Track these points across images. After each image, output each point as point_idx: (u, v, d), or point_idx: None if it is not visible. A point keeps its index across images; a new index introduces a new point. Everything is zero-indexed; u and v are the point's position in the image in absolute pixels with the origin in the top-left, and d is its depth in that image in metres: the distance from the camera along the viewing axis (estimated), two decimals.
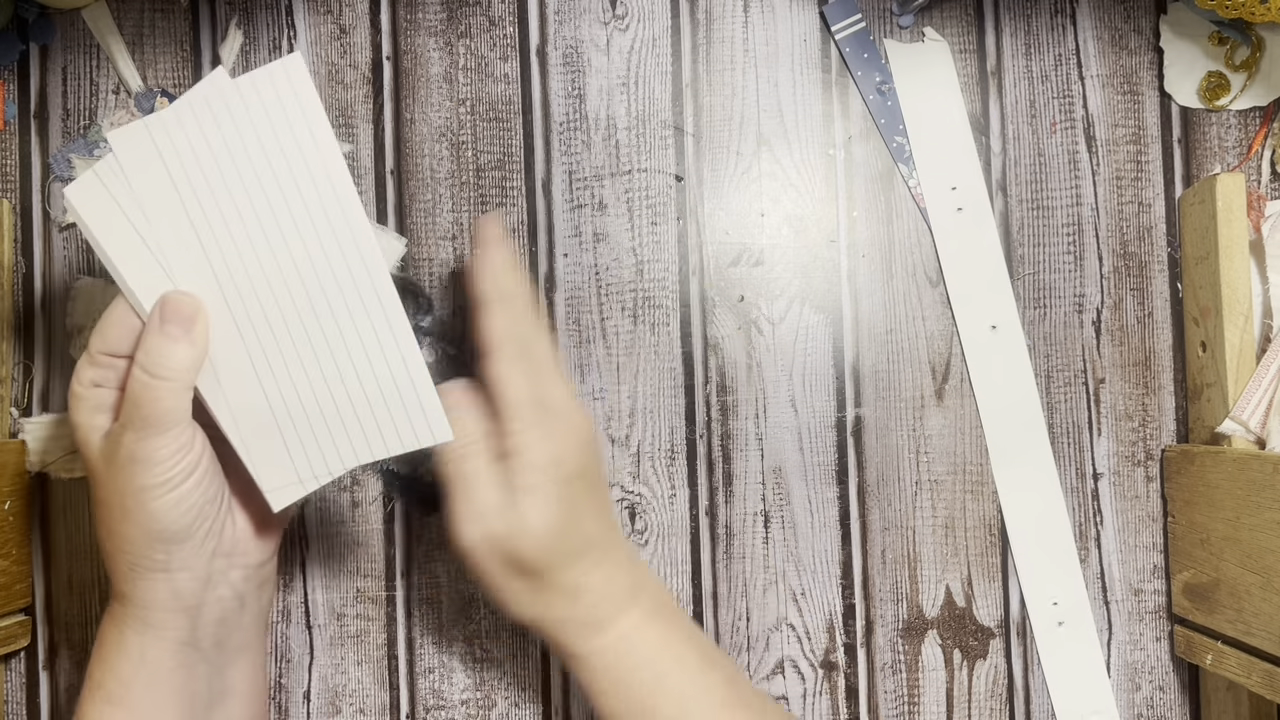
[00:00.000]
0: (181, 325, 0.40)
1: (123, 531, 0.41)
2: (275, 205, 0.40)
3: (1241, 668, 0.49)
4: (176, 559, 0.41)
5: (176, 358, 0.40)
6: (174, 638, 0.42)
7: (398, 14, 0.55)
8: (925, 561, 0.55)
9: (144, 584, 0.41)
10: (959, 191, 0.55)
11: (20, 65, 0.55)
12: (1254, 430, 0.50)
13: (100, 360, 0.41)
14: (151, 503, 0.40)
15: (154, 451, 0.40)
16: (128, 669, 0.42)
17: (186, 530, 0.41)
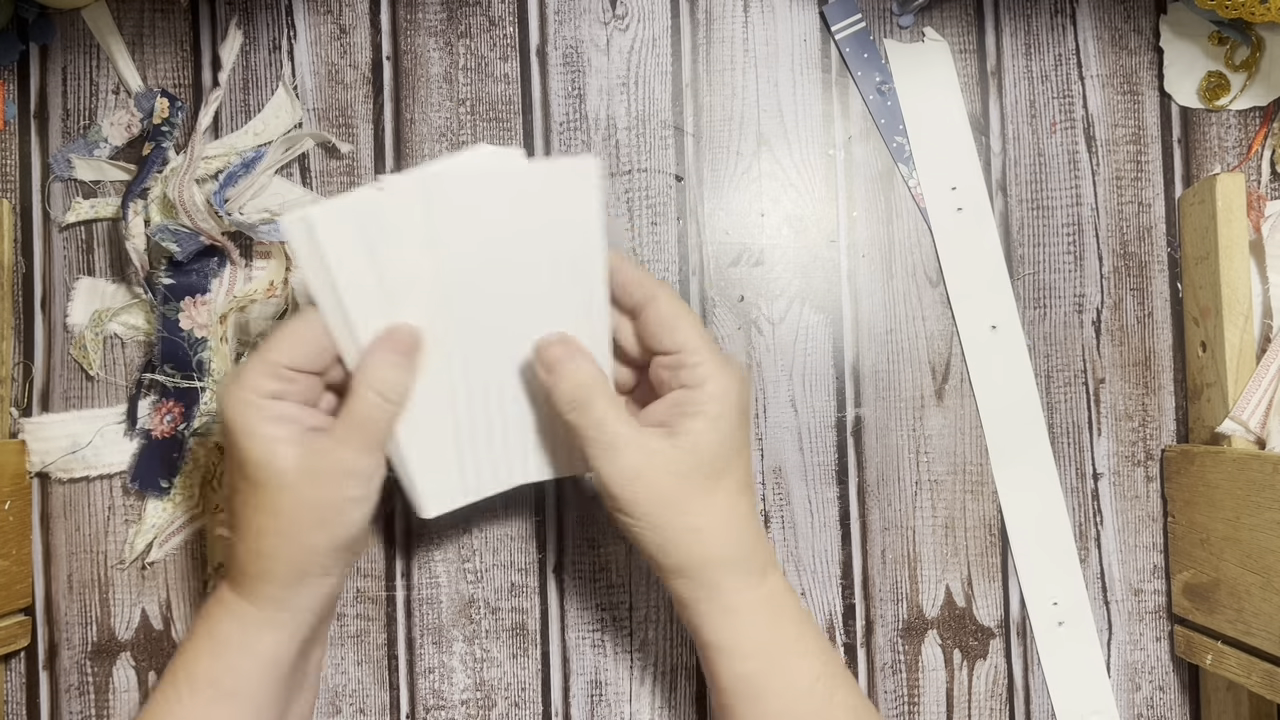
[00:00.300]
0: (406, 355, 0.42)
1: (309, 541, 0.42)
2: (525, 273, 0.43)
3: (1241, 668, 0.49)
4: (341, 563, 0.44)
5: (402, 382, 0.42)
6: (303, 635, 0.44)
7: (398, 14, 0.55)
8: (925, 561, 0.55)
9: (308, 589, 0.43)
10: (959, 191, 0.55)
11: (20, 65, 0.55)
12: (1254, 430, 0.50)
13: (282, 374, 0.42)
14: (353, 513, 0.42)
15: (368, 467, 0.42)
16: (253, 667, 0.43)
17: (361, 539, 0.44)
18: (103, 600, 0.54)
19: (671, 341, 0.43)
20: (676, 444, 0.42)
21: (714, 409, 0.42)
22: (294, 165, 0.55)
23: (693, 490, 0.42)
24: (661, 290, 0.44)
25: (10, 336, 0.54)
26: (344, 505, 0.42)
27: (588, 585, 0.55)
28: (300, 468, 0.41)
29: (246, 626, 0.43)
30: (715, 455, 0.43)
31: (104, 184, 0.54)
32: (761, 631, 0.44)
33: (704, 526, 0.43)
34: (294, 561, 0.42)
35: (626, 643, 0.55)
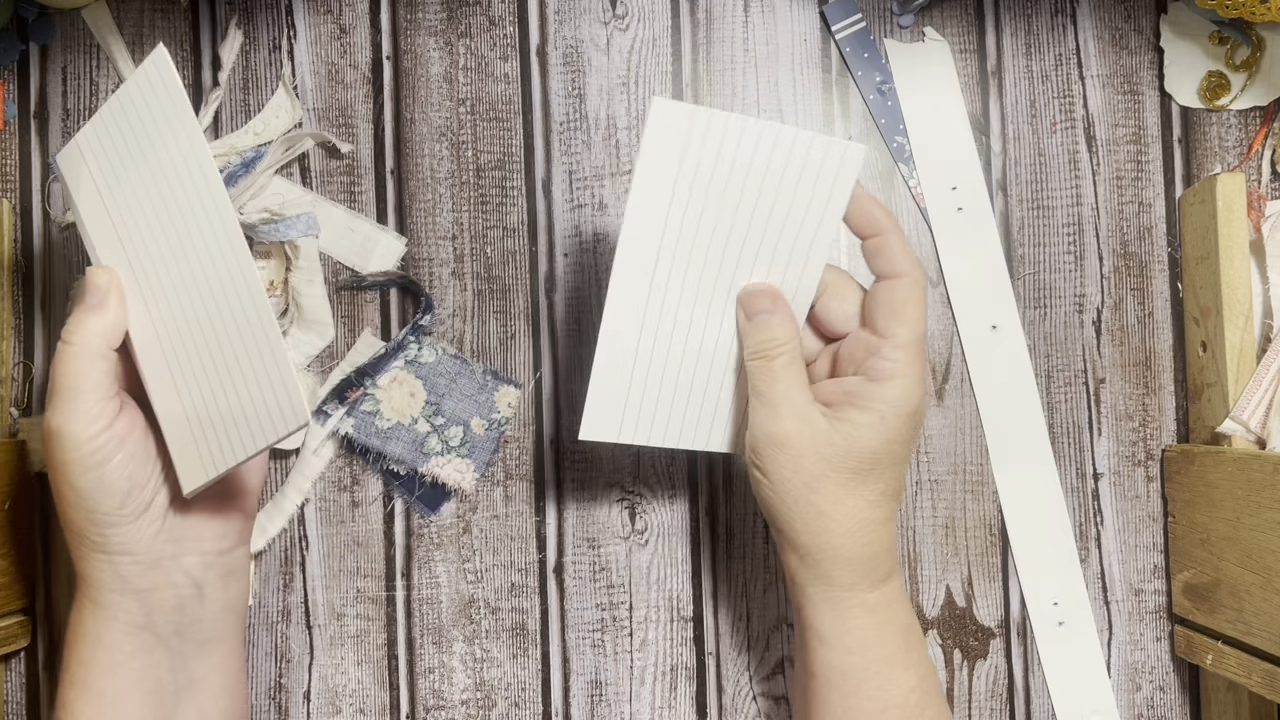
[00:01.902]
0: (96, 295, 0.41)
1: (64, 511, 0.42)
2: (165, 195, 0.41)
3: (1242, 668, 0.49)
4: (114, 540, 0.42)
5: (85, 324, 0.41)
6: (126, 620, 0.43)
7: (398, 14, 0.55)
8: (925, 561, 0.55)
9: (89, 563, 0.42)
10: (959, 191, 0.55)
11: (20, 65, 0.55)
12: (1254, 430, 0.50)
13: None
14: (77, 479, 0.41)
15: (64, 424, 0.40)
16: (86, 651, 0.42)
17: (117, 511, 0.41)
18: None
19: (886, 327, 0.43)
20: (837, 428, 0.42)
21: (885, 410, 0.42)
22: (294, 165, 0.55)
23: (834, 477, 0.42)
24: (911, 270, 0.43)
25: (10, 336, 0.54)
26: (64, 469, 0.41)
27: (588, 585, 0.55)
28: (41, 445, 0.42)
29: (77, 608, 0.43)
30: (868, 455, 0.42)
31: None
32: (867, 632, 0.43)
33: (833, 516, 0.42)
34: (70, 535, 0.42)
35: (626, 643, 0.55)
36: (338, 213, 0.54)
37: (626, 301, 0.44)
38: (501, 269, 0.55)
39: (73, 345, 0.41)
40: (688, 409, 0.46)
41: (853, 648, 0.43)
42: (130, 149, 0.41)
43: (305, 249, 0.53)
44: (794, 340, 0.43)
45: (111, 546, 0.42)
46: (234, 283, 0.40)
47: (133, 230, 0.41)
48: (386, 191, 0.55)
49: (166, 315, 0.41)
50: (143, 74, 0.40)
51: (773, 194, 0.43)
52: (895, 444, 0.43)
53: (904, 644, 0.44)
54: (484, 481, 0.54)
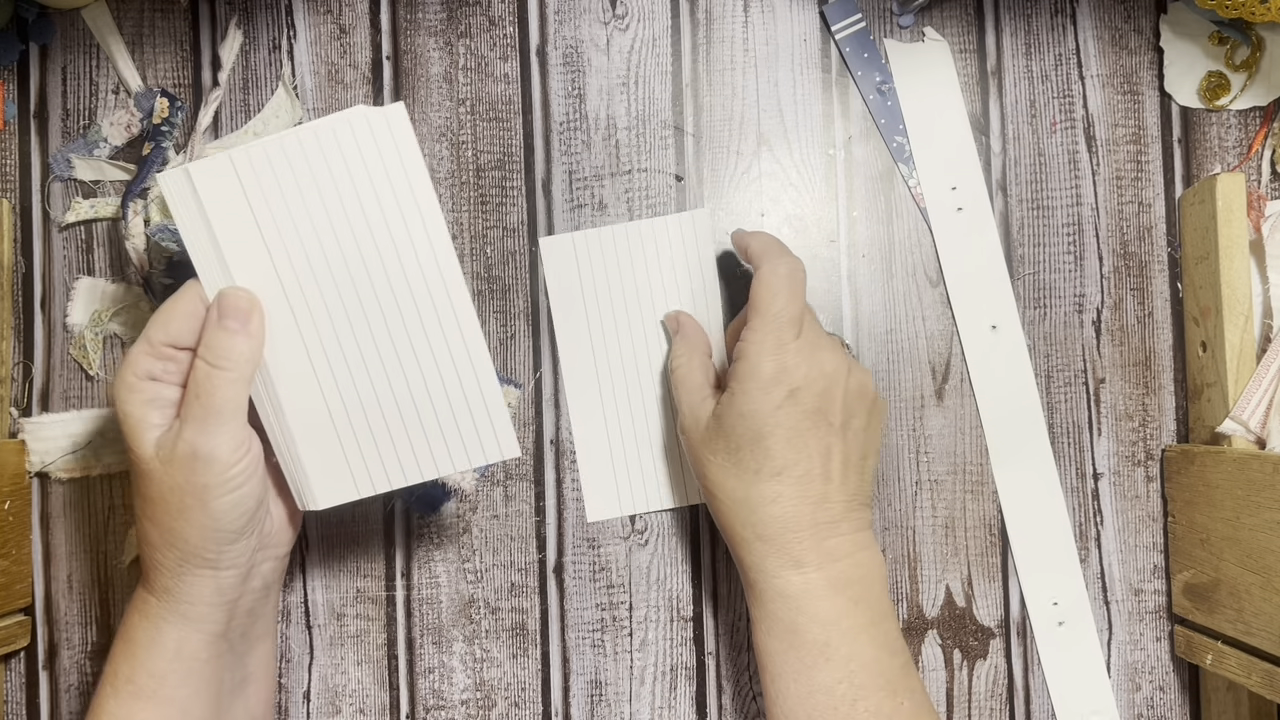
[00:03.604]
0: (238, 319, 0.40)
1: (177, 529, 0.41)
2: (359, 231, 0.41)
3: (1241, 668, 0.49)
4: (226, 556, 0.42)
5: (236, 349, 0.40)
6: (211, 630, 0.43)
7: (398, 14, 0.55)
8: (925, 561, 0.55)
9: (191, 579, 0.42)
10: (959, 191, 0.55)
11: (20, 65, 0.55)
12: (1254, 430, 0.50)
13: (162, 351, 0.41)
14: (213, 502, 0.40)
15: (215, 448, 0.40)
16: (162, 663, 0.42)
17: (241, 530, 0.42)
18: (103, 600, 0.54)
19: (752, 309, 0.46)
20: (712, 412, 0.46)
21: (735, 385, 0.45)
22: None
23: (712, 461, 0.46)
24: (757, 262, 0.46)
25: (10, 336, 0.54)
26: (200, 493, 0.40)
27: (588, 585, 0.55)
28: (156, 453, 0.40)
29: (152, 621, 0.42)
30: (730, 430, 0.44)
31: (104, 184, 0.54)
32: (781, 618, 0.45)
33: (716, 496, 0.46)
34: (173, 551, 0.41)
35: (626, 643, 0.55)
36: None
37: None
38: (501, 269, 0.55)
39: (228, 371, 0.40)
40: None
41: (774, 632, 0.44)
42: (325, 179, 0.40)
43: None
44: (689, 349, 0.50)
45: (222, 562, 0.42)
46: (443, 314, 0.41)
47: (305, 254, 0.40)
48: None
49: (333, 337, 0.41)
50: (361, 119, 0.40)
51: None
52: (752, 417, 0.43)
53: (822, 637, 0.44)
54: (484, 481, 0.54)
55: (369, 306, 0.41)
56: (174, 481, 0.40)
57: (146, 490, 0.41)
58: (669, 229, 0.54)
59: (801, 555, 0.44)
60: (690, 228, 0.54)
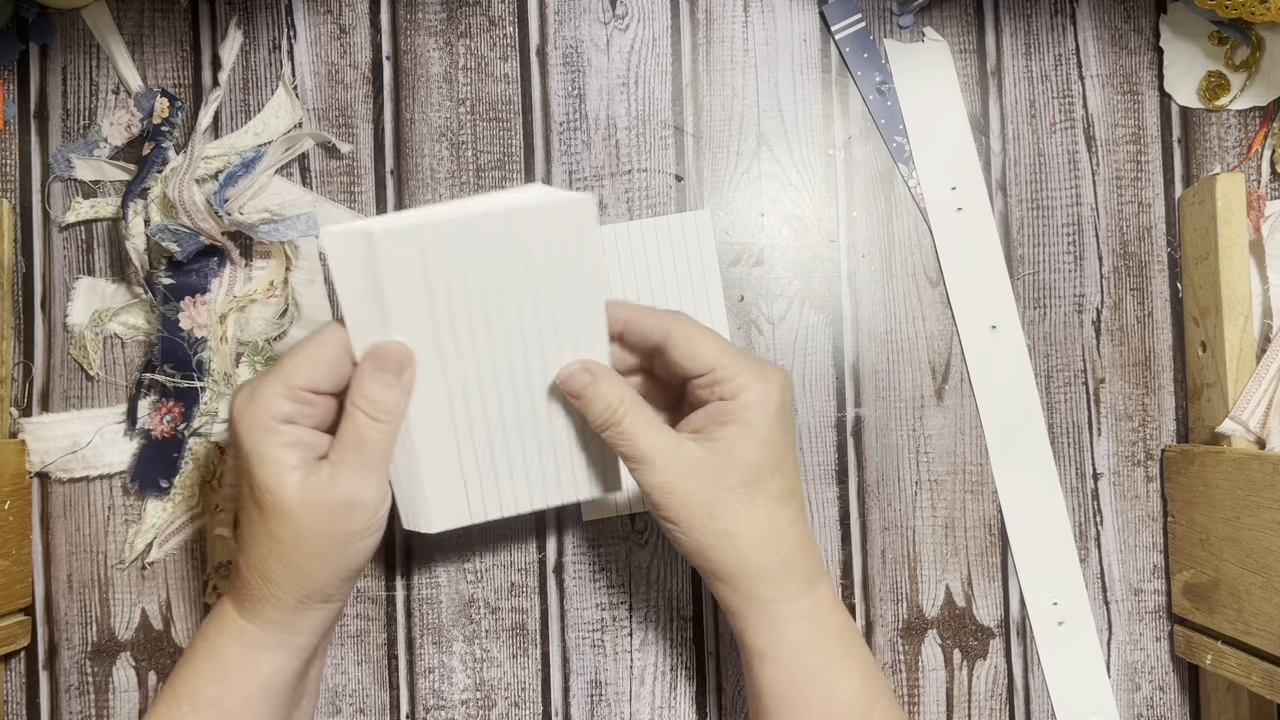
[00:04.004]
0: (395, 373, 0.41)
1: (309, 569, 0.41)
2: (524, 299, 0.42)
3: (1241, 668, 0.49)
4: (342, 591, 0.43)
5: (393, 402, 0.41)
6: (305, 657, 0.44)
7: (398, 14, 0.55)
8: (925, 561, 0.55)
9: (306, 613, 0.43)
10: (959, 191, 0.55)
11: (20, 65, 0.55)
12: (1254, 430, 0.50)
13: (301, 395, 0.41)
14: (354, 545, 0.41)
15: (368, 496, 0.41)
16: (254, 688, 0.43)
17: (363, 568, 0.43)
18: (103, 600, 0.54)
19: (699, 364, 0.43)
20: (712, 450, 0.42)
21: (749, 415, 0.42)
22: (294, 165, 0.55)
23: (728, 497, 0.42)
24: (675, 321, 0.44)
25: (10, 336, 0.54)
26: (345, 537, 0.41)
27: (588, 585, 0.55)
28: (303, 497, 0.40)
29: (250, 648, 0.43)
30: (750, 462, 0.42)
31: (104, 184, 0.54)
32: (803, 641, 0.43)
33: (741, 533, 0.42)
34: (297, 588, 0.42)
35: (626, 643, 0.55)
36: (338, 213, 0.54)
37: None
38: None
39: (386, 424, 0.41)
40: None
41: (792, 658, 0.43)
42: (504, 258, 0.41)
43: (305, 249, 0.53)
44: (627, 392, 0.43)
45: (337, 596, 0.43)
46: None
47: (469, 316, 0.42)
48: (386, 191, 0.55)
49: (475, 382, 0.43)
50: (554, 212, 0.41)
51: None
52: (769, 445, 0.43)
53: (841, 648, 0.44)
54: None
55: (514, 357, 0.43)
56: (318, 525, 0.41)
57: (279, 531, 0.41)
58: (670, 229, 0.54)
59: (812, 571, 0.44)
60: (692, 228, 0.54)
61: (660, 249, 0.54)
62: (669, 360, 0.44)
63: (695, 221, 0.54)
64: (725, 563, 0.43)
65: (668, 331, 0.44)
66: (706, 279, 0.54)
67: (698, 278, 0.54)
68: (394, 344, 0.41)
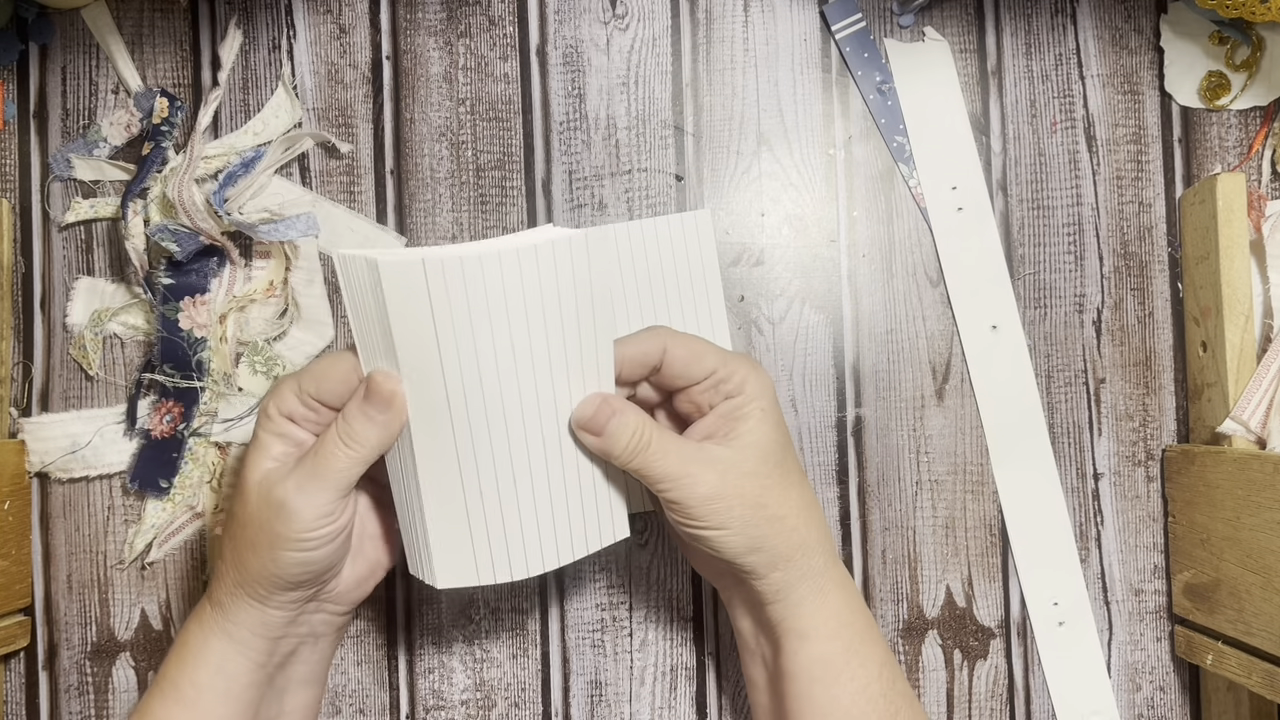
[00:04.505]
0: (379, 407, 0.41)
1: (244, 556, 0.43)
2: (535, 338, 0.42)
3: (1242, 668, 0.49)
4: (275, 600, 0.43)
5: (368, 435, 0.41)
6: (252, 658, 0.44)
7: (398, 14, 0.55)
8: (925, 561, 0.55)
9: (241, 603, 0.43)
10: (959, 191, 0.55)
11: (20, 65, 0.55)
12: (1254, 430, 0.50)
13: (308, 401, 0.42)
14: (280, 552, 0.42)
15: (302, 508, 0.41)
16: (205, 675, 0.44)
17: (298, 584, 0.43)
18: (102, 600, 0.54)
19: (701, 369, 0.44)
20: (738, 446, 0.43)
21: (761, 404, 0.44)
22: (294, 165, 0.55)
23: (769, 483, 0.44)
24: (665, 335, 0.44)
25: (10, 336, 0.54)
26: (273, 539, 0.42)
27: (588, 585, 0.55)
28: (256, 483, 0.42)
29: (203, 631, 0.44)
30: (774, 444, 0.44)
31: (103, 184, 0.54)
32: (845, 611, 0.45)
33: (788, 514, 0.44)
34: (235, 571, 0.43)
35: (626, 643, 0.55)
36: (338, 213, 0.54)
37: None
38: None
39: (352, 450, 0.41)
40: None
41: (836, 630, 0.44)
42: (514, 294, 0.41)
43: (305, 249, 0.53)
44: (642, 418, 0.43)
45: (270, 602, 0.43)
46: None
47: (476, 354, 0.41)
48: (386, 191, 0.55)
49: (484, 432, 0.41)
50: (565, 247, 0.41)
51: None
52: (781, 426, 0.45)
53: (868, 620, 0.46)
54: None
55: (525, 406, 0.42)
56: (258, 516, 0.42)
57: (236, 509, 0.43)
58: (670, 229, 0.54)
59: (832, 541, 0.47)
60: (692, 228, 0.54)
61: (660, 249, 0.54)
62: (667, 374, 0.44)
63: (695, 221, 0.54)
64: (781, 546, 0.44)
65: (664, 348, 0.44)
66: (706, 279, 0.54)
67: (698, 278, 0.54)
68: (387, 375, 0.41)
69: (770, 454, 0.44)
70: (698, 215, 0.54)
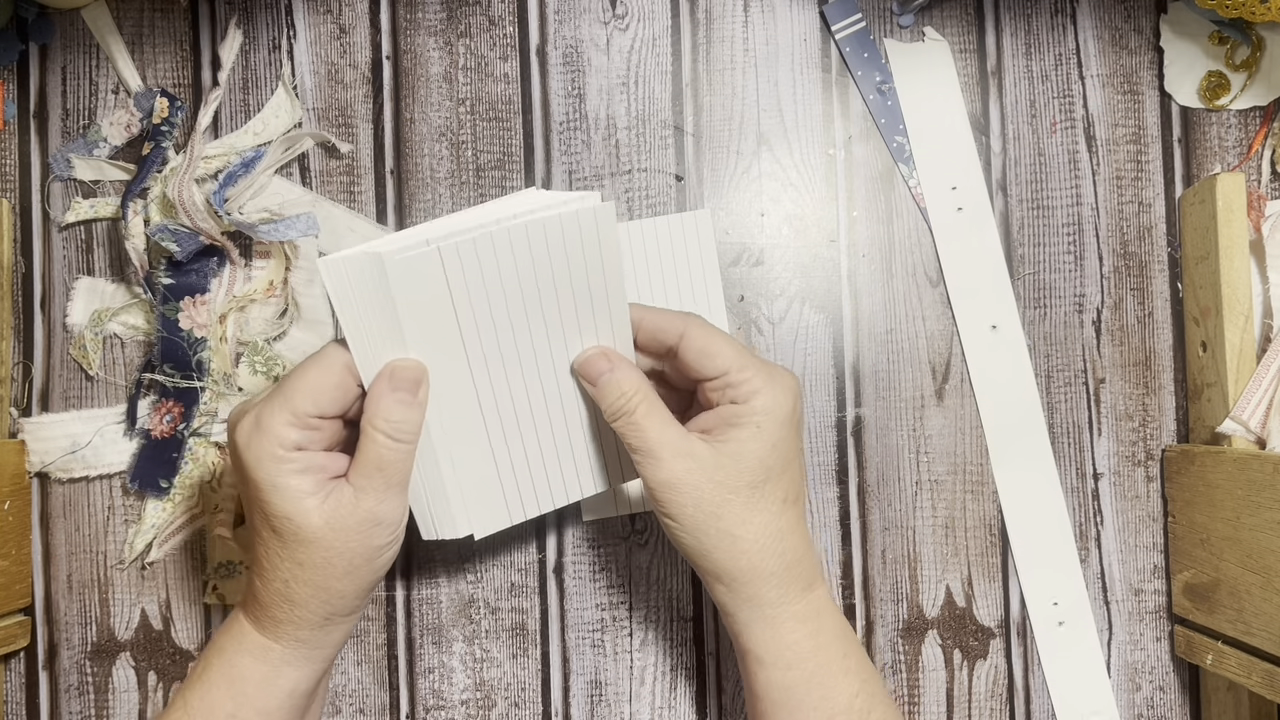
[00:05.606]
0: (410, 391, 0.41)
1: (338, 588, 0.42)
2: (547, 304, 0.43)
3: (1241, 668, 0.49)
4: (364, 601, 0.44)
5: (412, 421, 0.41)
6: (325, 669, 0.44)
7: (398, 14, 0.55)
8: (925, 561, 0.55)
9: (334, 629, 0.43)
10: (959, 191, 0.55)
11: (20, 65, 0.55)
12: (1254, 430, 0.50)
13: (309, 422, 0.41)
14: (379, 558, 0.42)
15: (393, 513, 0.41)
16: (275, 702, 0.43)
17: (380, 578, 0.43)
18: (102, 600, 0.54)
19: (713, 367, 0.43)
20: (720, 451, 0.42)
21: (760, 420, 0.42)
22: (294, 165, 0.55)
23: (734, 498, 0.42)
24: (690, 323, 0.44)
25: (10, 336, 0.54)
26: (373, 553, 0.41)
27: (588, 585, 0.55)
28: (327, 523, 0.40)
29: (270, 664, 0.43)
30: (759, 465, 0.42)
31: (103, 184, 0.54)
32: (802, 644, 0.44)
33: (744, 536, 0.43)
34: (324, 606, 0.42)
35: (626, 643, 0.55)
36: (338, 213, 0.54)
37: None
38: None
39: (406, 443, 0.41)
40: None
41: (792, 662, 0.43)
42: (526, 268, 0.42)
43: (305, 249, 0.53)
44: (644, 386, 0.43)
45: (360, 608, 0.44)
46: None
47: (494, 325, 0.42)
48: (386, 191, 0.55)
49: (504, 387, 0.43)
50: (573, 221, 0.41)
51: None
52: (779, 448, 0.43)
53: (840, 649, 0.44)
54: None
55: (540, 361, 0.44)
56: (346, 546, 0.41)
57: (303, 556, 0.41)
58: (670, 229, 0.54)
59: (811, 574, 0.45)
60: (692, 228, 0.54)
61: (660, 249, 0.54)
62: (682, 362, 0.44)
63: (695, 221, 0.54)
64: (727, 564, 0.43)
65: (682, 333, 0.44)
66: (707, 279, 0.54)
67: (698, 277, 0.54)
68: (408, 362, 0.41)
69: (750, 471, 0.42)
70: (697, 215, 0.54)
